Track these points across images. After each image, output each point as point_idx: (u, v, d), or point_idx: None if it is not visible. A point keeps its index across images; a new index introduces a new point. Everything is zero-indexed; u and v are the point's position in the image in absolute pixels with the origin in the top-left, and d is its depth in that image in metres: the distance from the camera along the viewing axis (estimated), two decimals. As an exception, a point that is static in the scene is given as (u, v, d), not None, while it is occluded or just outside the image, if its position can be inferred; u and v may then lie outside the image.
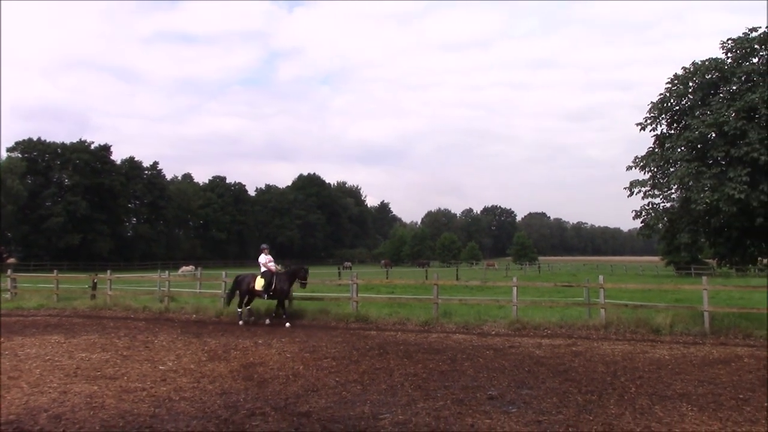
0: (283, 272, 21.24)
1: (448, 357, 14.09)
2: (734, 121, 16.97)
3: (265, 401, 10.00)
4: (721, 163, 17.63)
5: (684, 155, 18.03)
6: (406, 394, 10.51)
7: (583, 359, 13.85)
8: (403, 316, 20.37)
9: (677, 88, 19.20)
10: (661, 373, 12.30)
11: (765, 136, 16.46)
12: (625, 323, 18.16)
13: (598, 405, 9.81)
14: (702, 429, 8.52)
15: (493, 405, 9.82)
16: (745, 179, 16.40)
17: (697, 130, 17.55)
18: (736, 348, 15.45)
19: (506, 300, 21.04)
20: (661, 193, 19.13)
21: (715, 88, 18.81)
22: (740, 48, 18.47)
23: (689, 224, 18.53)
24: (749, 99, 17.01)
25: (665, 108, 19.43)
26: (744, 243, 18.70)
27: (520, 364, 13.30)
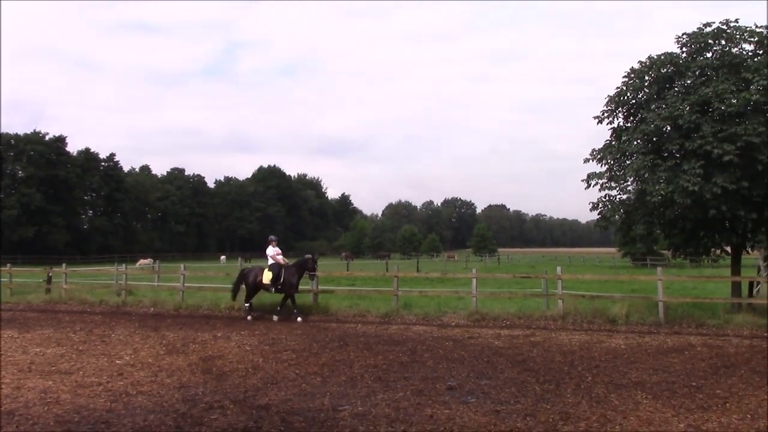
0: (291, 265, 20.53)
1: (408, 348, 14.15)
2: (688, 115, 17.26)
3: (224, 394, 9.93)
4: (676, 155, 17.90)
5: (640, 148, 18.28)
6: (365, 386, 10.53)
7: (541, 349, 14.02)
8: (363, 308, 20.40)
9: (633, 81, 19.45)
10: (617, 362, 12.52)
11: (718, 130, 16.77)
12: (582, 314, 18.42)
13: (556, 394, 9.95)
14: (656, 416, 8.68)
15: (452, 395, 9.89)
16: (698, 172, 16.70)
17: (652, 123, 17.81)
18: (689, 337, 15.79)
19: (466, 291, 21.19)
20: (618, 185, 19.39)
21: (671, 82, 19.10)
22: (694, 43, 18.77)
23: (644, 216, 18.81)
24: (703, 93, 17.31)
25: (622, 101, 19.68)
26: (697, 234, 19.07)
27: (480, 354, 13.41)
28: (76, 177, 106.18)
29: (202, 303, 22.13)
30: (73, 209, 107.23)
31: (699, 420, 8.49)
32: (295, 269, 19.97)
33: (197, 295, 24.22)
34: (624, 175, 19.01)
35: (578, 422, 8.41)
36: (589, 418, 8.59)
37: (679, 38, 19.14)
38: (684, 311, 18.42)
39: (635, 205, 19.13)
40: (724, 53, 18.38)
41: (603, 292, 22.34)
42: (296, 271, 19.91)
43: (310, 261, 20.19)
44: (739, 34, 18.38)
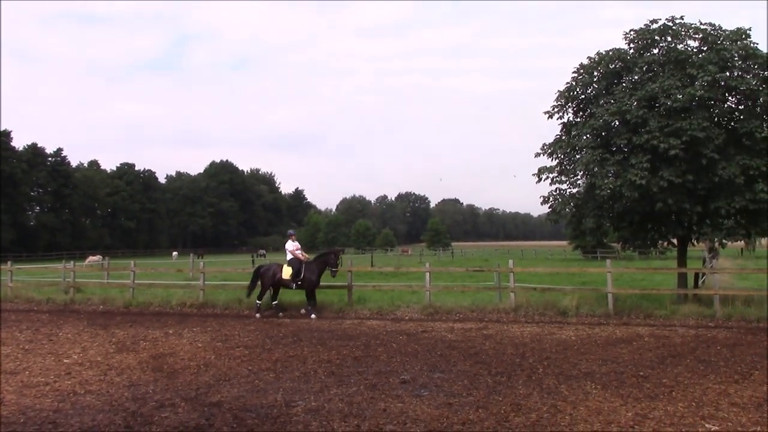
0: (313, 260, 20.04)
1: (362, 343, 14.17)
2: (636, 110, 17.58)
3: (175, 392, 9.82)
4: (624, 150, 18.22)
5: (589, 142, 18.56)
6: (319, 381, 10.51)
7: (493, 342, 14.16)
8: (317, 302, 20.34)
9: (583, 77, 19.74)
10: (568, 354, 12.71)
11: (664, 125, 17.13)
12: (533, 306, 18.66)
13: (507, 386, 10.06)
14: (605, 406, 8.84)
15: (406, 389, 9.93)
16: (646, 166, 17.03)
17: (601, 118, 18.10)
18: (637, 327, 16.10)
19: (419, 285, 21.28)
20: (568, 179, 19.70)
21: (618, 77, 19.42)
22: (642, 39, 19.12)
23: (594, 209, 19.12)
24: (650, 88, 17.65)
25: (571, 96, 19.96)
26: (645, 227, 19.45)
27: (433, 348, 13.48)
28: (22, 172, 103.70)
29: (153, 300, 21.84)
30: (18, 205, 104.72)
31: (646, 409, 8.68)
32: (316, 265, 19.53)
33: (148, 292, 23.88)
34: (574, 170, 19.32)
35: (529, 413, 8.52)
36: (540, 409, 8.71)
37: (626, 34, 19.49)
38: (632, 302, 18.79)
39: (585, 198, 19.44)
40: (670, 49, 18.76)
41: (554, 285, 22.71)
42: (317, 266, 19.47)
43: (332, 256, 19.81)
44: (685, 30, 18.78)
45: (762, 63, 18.05)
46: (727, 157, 17.26)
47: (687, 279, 20.07)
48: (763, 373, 10.69)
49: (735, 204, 17.14)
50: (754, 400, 9.08)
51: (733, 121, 18.49)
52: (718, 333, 15.18)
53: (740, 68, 18.19)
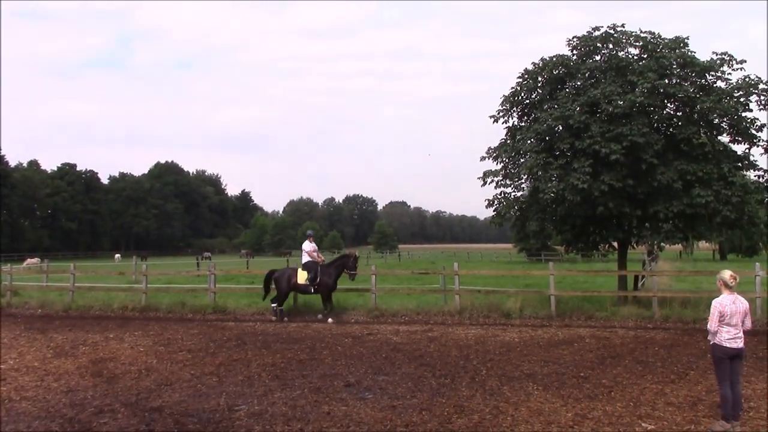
0: (330, 263, 19.63)
1: (307, 346, 14.11)
2: (578, 115, 17.91)
3: (115, 397, 9.63)
4: (567, 154, 18.55)
5: (533, 147, 18.83)
6: (263, 385, 10.44)
7: (438, 344, 14.25)
8: (262, 306, 20.17)
9: (527, 82, 20.03)
10: (511, 355, 12.86)
11: (606, 130, 17.48)
12: (478, 308, 18.83)
13: (451, 388, 10.14)
14: (546, 406, 8.98)
15: (350, 392, 9.93)
16: (587, 170, 17.36)
17: (545, 123, 18.39)
18: (579, 329, 16.39)
19: (365, 288, 21.28)
20: (512, 182, 19.97)
21: (562, 83, 19.77)
22: (584, 46, 19.49)
23: (537, 213, 19.40)
24: (592, 94, 18.01)
25: (516, 101, 20.23)
26: (587, 230, 19.82)
27: (378, 350, 13.51)
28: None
29: (93, 303, 21.39)
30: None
31: (586, 409, 8.84)
32: (333, 268, 19.21)
33: (88, 296, 23.36)
34: (518, 173, 19.57)
35: (472, 415, 8.60)
36: (483, 411, 8.80)
37: (569, 41, 19.83)
38: (574, 304, 19.12)
39: (529, 202, 19.74)
40: (611, 56, 19.19)
41: (499, 287, 22.95)
42: (334, 270, 19.15)
43: (351, 260, 19.46)
44: (626, 38, 19.23)
45: (699, 71, 18.58)
46: (666, 163, 17.71)
47: (627, 281, 20.50)
48: (698, 373, 10.99)
49: (673, 208, 17.59)
50: (689, 399, 9.32)
51: (672, 127, 19.01)
52: (656, 334, 15.55)
53: (678, 76, 18.70)
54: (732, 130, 18.88)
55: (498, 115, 20.54)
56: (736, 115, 18.33)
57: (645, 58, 18.97)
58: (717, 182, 17.67)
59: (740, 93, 18.46)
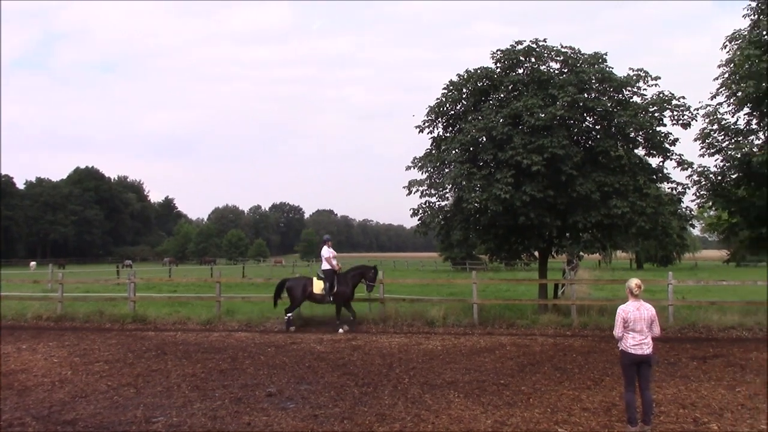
0: (347, 272, 19.11)
1: (229, 356, 13.91)
2: (501, 127, 18.22)
3: (26, 410, 9.30)
4: (490, 165, 18.84)
5: (457, 157, 19.06)
6: (182, 396, 10.24)
7: (361, 353, 14.25)
8: (183, 315, 19.82)
9: (452, 93, 20.27)
10: (433, 363, 12.97)
11: (528, 141, 17.85)
12: (402, 317, 18.92)
13: (373, 396, 10.15)
14: (466, 414, 9.08)
15: (271, 402, 9.84)
16: (510, 181, 17.68)
17: (469, 133, 18.63)
18: (500, 337, 16.65)
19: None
20: (437, 192, 20.17)
21: (486, 95, 20.09)
22: (508, 59, 19.86)
23: (461, 222, 19.64)
24: (515, 106, 18.36)
25: (441, 112, 20.46)
26: (509, 239, 20.18)
27: (301, 360, 13.42)
28: None
29: (6, 313, 20.54)
30: None
31: (505, 416, 8.98)
32: (351, 278, 18.77)
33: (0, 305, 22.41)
34: (443, 183, 19.78)
35: (393, 423, 8.63)
36: (404, 419, 8.84)
37: (494, 54, 20.17)
38: (496, 312, 19.42)
39: (453, 211, 19.97)
40: (533, 70, 19.61)
41: (423, 296, 23.13)
42: (351, 279, 18.72)
43: (371, 271, 19.04)
44: (547, 53, 19.69)
45: (616, 86, 19.18)
46: (585, 174, 18.20)
47: (547, 290, 20.95)
48: (613, 379, 11.29)
49: (591, 218, 18.09)
50: (604, 404, 9.58)
51: (591, 140, 19.56)
52: (574, 341, 15.93)
53: (597, 90, 19.26)
54: (647, 143, 19.58)
55: (423, 125, 20.74)
56: (651, 130, 19.01)
57: (565, 73, 19.47)
58: (633, 194, 18.27)
59: (655, 108, 19.16)
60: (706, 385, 10.95)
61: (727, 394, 10.27)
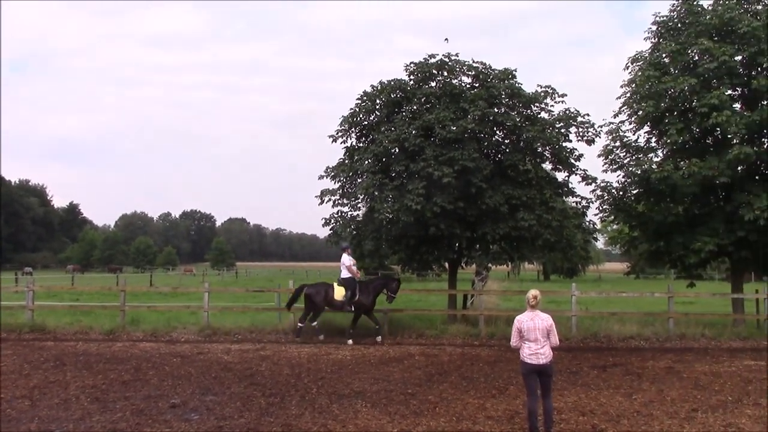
0: (369, 281, 18.59)
1: (132, 366, 13.51)
2: (413, 138, 18.44)
3: None
4: (402, 176, 19.00)
5: (370, 167, 19.18)
6: (81, 408, 9.88)
7: (270, 363, 14.08)
8: (86, 324, 19.11)
9: (366, 104, 20.39)
10: (342, 373, 12.94)
11: (439, 153, 18.12)
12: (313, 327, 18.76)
13: (280, 407, 10.05)
14: (372, 423, 9.11)
15: (175, 413, 9.61)
16: (421, 192, 17.88)
17: (381, 144, 18.78)
18: (409, 347, 16.77)
19: (198, 306, 20.71)
20: (349, 202, 20.24)
21: (399, 106, 20.29)
22: (421, 72, 20.13)
23: (373, 232, 19.70)
24: (427, 119, 18.63)
25: (355, 122, 20.53)
26: (420, 250, 20.36)
27: (207, 370, 13.16)
28: None
29: None
30: None
31: (411, 424, 9.05)
32: (373, 287, 18.32)
33: None
34: (355, 193, 19.85)
35: (299, 433, 8.56)
36: (311, 429, 8.80)
37: (407, 66, 20.40)
38: (406, 322, 19.56)
39: (365, 221, 20.06)
40: (446, 83, 19.96)
41: (334, 306, 23.00)
42: (373, 289, 18.24)
43: (394, 283, 18.86)
44: (459, 67, 20.08)
45: (525, 102, 19.75)
46: (494, 187, 18.61)
47: (457, 300, 21.24)
48: (517, 388, 11.53)
49: (499, 230, 18.51)
50: (508, 412, 9.78)
51: (500, 153, 20.06)
52: (481, 351, 16.21)
53: (507, 105, 19.77)
54: (554, 158, 20.24)
55: (337, 135, 20.76)
56: (557, 145, 19.65)
57: (477, 87, 19.87)
58: (539, 207, 18.84)
59: (561, 124, 19.82)
60: (605, 392, 11.32)
61: (624, 401, 10.65)
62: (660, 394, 11.20)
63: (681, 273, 22.33)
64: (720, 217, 19.06)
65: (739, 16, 18.83)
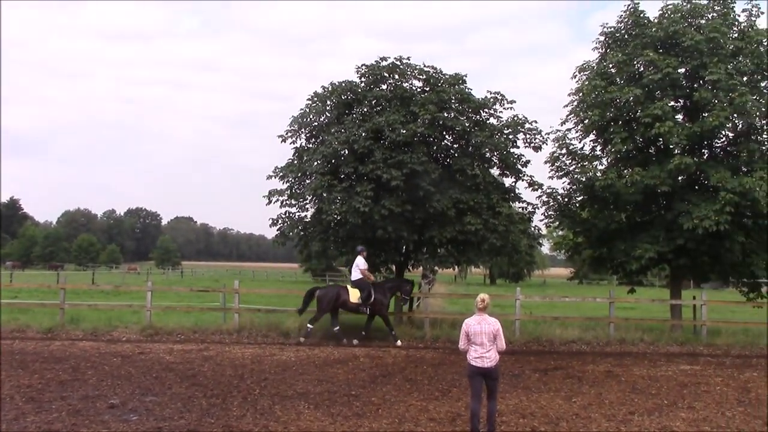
0: (382, 283, 18.43)
1: (70, 366, 13.22)
2: (363, 141, 18.45)
3: None
4: (351, 178, 19.00)
5: (319, 168, 19.13)
6: (15, 408, 9.64)
7: (212, 363, 13.93)
8: (23, 322, 18.61)
9: (316, 105, 20.35)
10: (286, 375, 12.88)
11: (388, 156, 18.17)
12: (257, 327, 18.67)
13: (222, 408, 9.95)
14: (315, 425, 9.08)
15: (113, 414, 9.44)
16: (369, 194, 17.92)
17: (331, 146, 18.75)
18: (354, 348, 16.75)
19: (140, 305, 20.37)
20: (297, 203, 20.15)
21: (350, 108, 20.30)
22: (372, 74, 20.16)
23: (321, 233, 19.65)
24: (377, 121, 18.66)
25: (305, 123, 20.47)
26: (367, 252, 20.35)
27: (148, 370, 12.96)
28: None
29: None
30: None
31: (353, 426, 9.05)
32: (388, 288, 18.21)
33: None
34: (303, 194, 19.79)
35: (240, 435, 8.49)
36: (252, 430, 8.74)
37: (359, 69, 20.42)
38: (352, 324, 19.50)
39: (313, 222, 20.01)
40: (396, 87, 20.04)
41: (280, 306, 22.91)
42: (388, 290, 18.16)
43: (408, 285, 18.83)
44: (410, 70, 20.17)
45: (474, 107, 19.94)
46: (442, 191, 18.72)
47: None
48: (460, 390, 11.64)
49: (446, 234, 18.65)
50: (450, 414, 9.86)
51: (449, 158, 20.20)
52: (426, 353, 16.29)
53: (456, 110, 19.89)
54: (501, 164, 20.50)
55: (287, 135, 20.67)
56: (505, 151, 19.93)
57: (427, 91, 19.97)
58: (486, 211, 19.03)
59: (509, 131, 20.09)
60: (546, 395, 11.50)
61: (564, 404, 10.83)
62: (599, 397, 11.42)
63: (623, 279, 22.77)
64: (661, 225, 19.50)
65: (684, 29, 19.29)
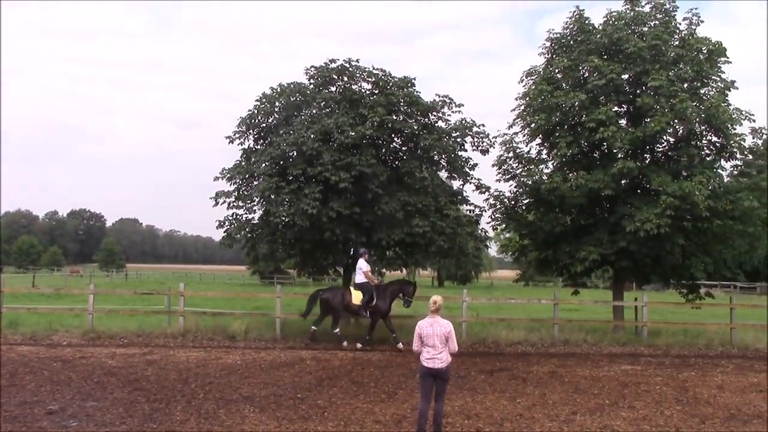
0: (385, 286, 17.90)
1: (8, 371, 12.84)
2: (312, 143, 18.37)
3: None
4: (300, 180, 18.91)
5: (267, 170, 18.97)
6: (-53, 415, 9.30)
7: (156, 367, 13.69)
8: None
9: (265, 106, 20.23)
10: (231, 378, 12.73)
11: (337, 159, 18.14)
12: (203, 330, 18.42)
13: (165, 412, 9.79)
14: (260, 428, 9.00)
15: (52, 420, 9.21)
16: (318, 196, 17.86)
17: (279, 147, 18.64)
18: (301, 351, 16.66)
19: (82, 308, 19.91)
20: (245, 204, 19.97)
21: (298, 110, 20.22)
22: (321, 76, 20.13)
23: (268, 235, 19.52)
24: (326, 123, 18.62)
25: (253, 124, 20.33)
26: (315, 254, 20.31)
27: (90, 375, 12.68)
28: None
29: None
30: None
31: (299, 429, 9.00)
32: (389, 292, 17.67)
33: None
34: (251, 196, 19.63)
35: (183, 440, 8.35)
36: (195, 435, 8.60)
37: (307, 70, 20.37)
38: (299, 327, 19.41)
39: (260, 224, 19.86)
40: (345, 89, 20.05)
41: (226, 309, 22.67)
42: (390, 293, 17.63)
43: (411, 287, 18.23)
44: (359, 73, 20.19)
45: (423, 110, 20.05)
46: (390, 193, 18.79)
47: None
48: (406, 392, 11.67)
49: (394, 236, 18.69)
50: (396, 416, 9.87)
51: (397, 160, 20.30)
52: (372, 356, 16.28)
53: (405, 113, 19.97)
54: (449, 166, 20.68)
55: (234, 136, 20.51)
56: (453, 154, 20.09)
57: (376, 94, 20.01)
58: (434, 214, 19.14)
59: (457, 134, 20.26)
60: (491, 396, 11.60)
61: (508, 404, 10.94)
62: (542, 398, 11.57)
63: (567, 281, 23.12)
64: (604, 228, 19.86)
65: (627, 36, 19.70)
